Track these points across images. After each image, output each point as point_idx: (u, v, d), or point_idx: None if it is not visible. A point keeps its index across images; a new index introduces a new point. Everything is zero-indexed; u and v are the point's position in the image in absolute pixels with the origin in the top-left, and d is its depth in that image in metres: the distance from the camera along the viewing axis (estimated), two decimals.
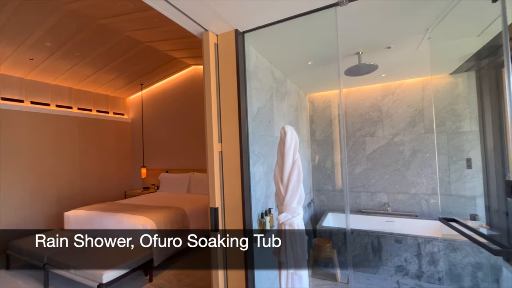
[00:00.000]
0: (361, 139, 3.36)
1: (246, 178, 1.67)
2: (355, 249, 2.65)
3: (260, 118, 2.04)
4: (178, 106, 5.10)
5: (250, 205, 1.70)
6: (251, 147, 1.84)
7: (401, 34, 1.85)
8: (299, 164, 1.43)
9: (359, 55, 2.15)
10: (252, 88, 1.92)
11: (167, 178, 4.93)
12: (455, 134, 2.89)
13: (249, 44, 1.91)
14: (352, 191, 3.41)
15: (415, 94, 3.08)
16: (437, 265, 2.31)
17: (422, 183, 3.04)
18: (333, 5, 1.39)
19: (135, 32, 3.30)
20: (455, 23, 1.69)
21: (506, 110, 1.11)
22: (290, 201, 1.42)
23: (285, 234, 1.40)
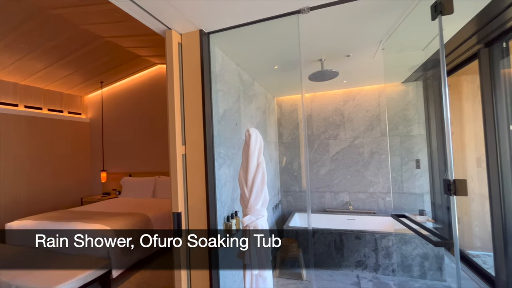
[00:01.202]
0: (326, 142, 3.52)
1: (211, 181, 1.64)
2: (320, 247, 2.76)
3: (226, 120, 2.02)
4: (143, 106, 4.85)
5: (215, 209, 1.67)
6: (216, 149, 1.81)
7: (358, 44, 1.99)
8: (264, 166, 1.45)
9: (321, 62, 2.26)
10: (218, 90, 1.90)
11: (130, 182, 4.64)
12: (407, 137, 3.18)
13: (214, 45, 1.89)
14: (318, 191, 3.56)
15: (372, 100, 3.33)
16: (391, 258, 2.51)
17: (379, 183, 3.28)
18: (295, 12, 1.44)
19: (94, 25, 3.07)
20: (403, 36, 1.86)
21: (444, 117, 1.26)
22: (255, 204, 1.42)
23: (249, 237, 1.40)
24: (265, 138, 3.11)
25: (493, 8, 1.53)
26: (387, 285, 2.39)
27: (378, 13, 1.54)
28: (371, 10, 1.51)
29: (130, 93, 4.98)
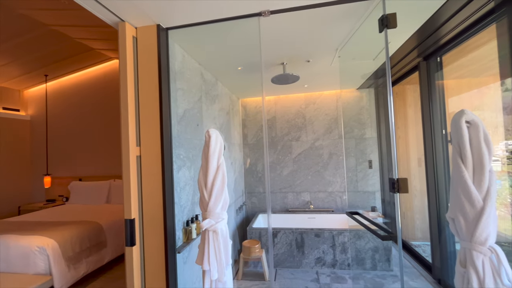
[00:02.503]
0: (288, 143, 3.63)
1: (169, 184, 1.56)
2: (282, 246, 2.82)
3: (187, 121, 1.95)
4: (97, 103, 4.43)
5: (173, 213, 1.59)
6: (175, 151, 1.73)
7: (317, 50, 2.08)
8: (224, 168, 1.42)
9: (283, 65, 2.32)
10: (178, 89, 1.82)
11: (80, 187, 4.20)
12: (361, 140, 3.43)
13: (174, 42, 1.81)
14: (281, 192, 3.64)
15: (331, 104, 3.53)
16: (347, 253, 2.67)
17: (337, 182, 3.48)
18: (256, 14, 1.45)
19: (35, 11, 2.72)
20: (356, 46, 2.01)
21: (389, 122, 1.37)
22: (214, 207, 1.39)
23: (209, 241, 1.36)
24: (229, 140, 3.08)
25: (430, 26, 1.73)
26: (343, 278, 2.53)
27: (334, 22, 1.63)
28: (328, 19, 1.59)
29: (82, 89, 4.52)
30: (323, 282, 2.48)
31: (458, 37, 1.85)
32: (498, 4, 1.38)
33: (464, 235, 1.15)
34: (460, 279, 1.16)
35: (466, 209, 1.13)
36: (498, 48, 1.43)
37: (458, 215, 1.16)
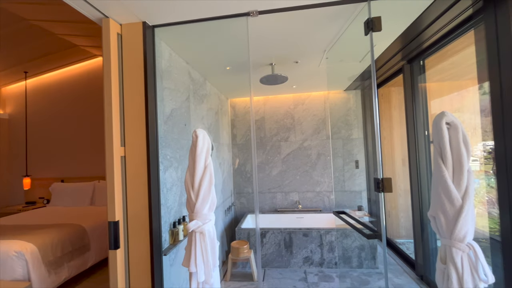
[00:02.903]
0: (277, 144, 3.64)
1: (155, 185, 1.53)
2: (270, 246, 2.82)
3: (174, 120, 1.91)
4: (81, 102, 4.28)
5: (159, 215, 1.56)
6: (162, 151, 1.70)
7: (305, 52, 2.10)
8: (211, 168, 1.41)
9: (272, 66, 2.33)
10: (165, 88, 1.79)
11: (63, 188, 4.04)
12: (348, 140, 3.50)
13: (161, 40, 1.78)
14: (270, 192, 3.65)
15: (319, 105, 3.57)
16: (334, 251, 2.71)
17: (324, 182, 3.53)
18: (244, 14, 1.45)
19: (13, 4, 2.59)
20: (343, 48, 2.04)
21: (374, 123, 1.41)
22: (201, 208, 1.37)
23: (195, 243, 1.34)
24: (218, 140, 3.05)
25: (413, 30, 1.78)
26: (330, 277, 2.57)
27: (322, 24, 1.65)
28: (316, 20, 1.61)
29: (64, 86, 4.36)
30: (311, 281, 2.51)
31: (440, 42, 1.92)
32: (476, 11, 1.44)
33: (444, 233, 1.19)
34: (441, 275, 1.20)
35: (446, 208, 1.18)
36: (476, 53, 1.49)
37: (439, 213, 1.20)
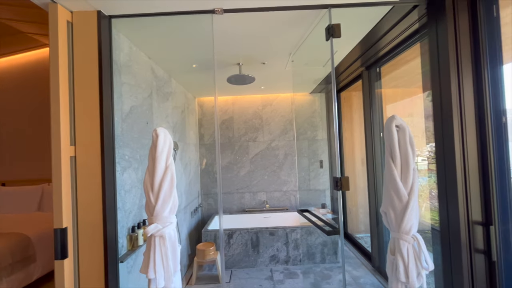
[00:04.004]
0: (245, 144, 3.65)
1: (110, 188, 1.42)
2: (237, 247, 2.81)
3: (134, 118, 1.80)
4: (27, 95, 3.81)
5: (115, 219, 1.45)
6: (119, 151, 1.59)
7: (272, 53, 2.14)
8: (173, 169, 1.35)
9: (239, 66, 2.32)
10: (123, 83, 1.68)
11: (3, 193, 3.55)
12: (313, 141, 3.64)
13: (119, 32, 1.66)
14: (238, 192, 3.64)
15: (286, 106, 3.66)
16: (299, 249, 2.80)
17: (291, 181, 3.63)
18: (209, 11, 1.42)
19: None
20: (308, 52, 2.12)
21: (334, 125, 1.48)
22: (161, 210, 1.31)
23: (154, 247, 1.27)
24: (184, 139, 2.95)
25: (370, 38, 1.92)
26: (295, 274, 2.64)
27: (287, 27, 1.69)
28: (281, 23, 1.64)
29: (5, 77, 3.84)
30: (277, 279, 2.55)
31: (393, 51, 2.09)
32: (421, 26, 1.60)
33: (394, 226, 1.29)
34: (390, 266, 1.30)
35: (395, 203, 1.28)
36: (421, 64, 1.66)
37: (389, 209, 1.31)
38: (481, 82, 1.27)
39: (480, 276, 1.26)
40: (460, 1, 1.31)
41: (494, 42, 1.26)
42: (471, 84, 1.30)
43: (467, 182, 1.29)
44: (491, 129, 1.26)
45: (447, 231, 1.36)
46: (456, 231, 1.30)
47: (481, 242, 1.27)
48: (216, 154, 1.32)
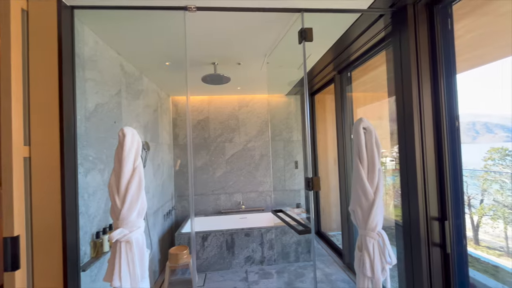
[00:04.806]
0: (222, 145, 3.61)
1: (71, 191, 1.31)
2: (212, 249, 2.77)
3: (100, 117, 1.69)
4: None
5: (76, 225, 1.34)
6: (82, 151, 1.48)
7: (247, 54, 2.14)
8: (141, 170, 1.29)
9: (214, 65, 2.29)
10: (87, 79, 1.57)
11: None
12: (289, 142, 3.70)
13: (83, 24, 1.55)
14: (213, 194, 3.58)
15: (263, 107, 3.69)
16: (274, 249, 2.82)
17: (267, 182, 3.66)
18: (181, 8, 1.38)
19: None
20: (283, 54, 2.15)
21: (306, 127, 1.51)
22: (128, 214, 1.24)
23: (120, 253, 1.20)
24: (157, 139, 2.84)
25: (341, 43, 2.00)
26: (269, 274, 2.66)
27: (261, 28, 1.70)
28: (256, 24, 1.65)
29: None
30: (251, 280, 2.55)
31: (362, 57, 2.20)
32: (387, 34, 1.70)
33: (361, 224, 1.35)
34: (358, 262, 1.36)
35: (362, 202, 1.34)
36: (387, 71, 1.76)
37: (357, 207, 1.37)
38: (438, 89, 1.38)
39: (436, 267, 1.36)
40: (420, 14, 1.41)
41: (449, 53, 1.37)
42: (429, 91, 1.41)
43: (426, 181, 1.39)
44: (446, 133, 1.37)
45: (409, 227, 1.46)
46: (416, 227, 1.40)
47: (437, 236, 1.37)
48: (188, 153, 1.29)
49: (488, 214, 5.58)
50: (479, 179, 6.18)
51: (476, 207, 5.89)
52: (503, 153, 6.99)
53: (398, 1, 1.42)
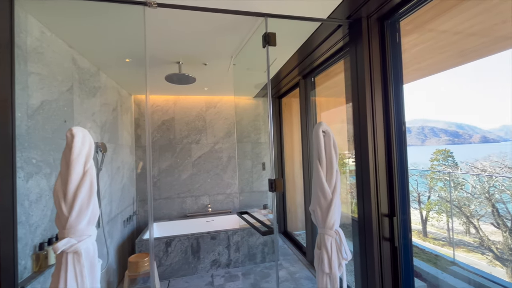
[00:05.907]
0: (188, 146, 3.51)
1: (6, 198, 1.16)
2: (176, 255, 2.66)
3: (46, 115, 1.53)
4: None
5: (13, 236, 1.19)
6: (23, 153, 1.33)
7: (213, 55, 2.11)
8: (93, 174, 1.19)
9: (179, 65, 2.22)
10: (31, 73, 1.41)
11: None
12: (256, 144, 3.74)
13: (27, 12, 1.40)
14: (179, 197, 3.46)
15: (230, 109, 3.67)
16: (240, 251, 2.82)
17: (235, 184, 3.64)
18: (141, 3, 1.31)
19: None
20: (249, 57, 2.17)
21: (269, 129, 1.54)
22: (77, 222, 1.14)
23: (66, 266, 1.10)
24: (116, 140, 2.66)
25: (305, 49, 2.08)
26: (236, 276, 2.65)
27: (227, 30, 1.70)
28: (221, 26, 1.64)
29: None
30: (217, 284, 2.51)
31: (324, 63, 2.32)
32: (345, 44, 1.82)
33: (320, 223, 1.42)
34: (317, 259, 1.42)
35: (321, 202, 1.41)
36: (344, 79, 1.88)
37: (316, 207, 1.43)
38: (388, 97, 1.51)
39: (386, 259, 1.48)
40: (373, 27, 1.53)
41: (397, 64, 1.51)
42: (381, 99, 1.53)
43: (378, 181, 1.51)
44: (395, 136, 1.50)
45: (363, 223, 1.57)
46: (369, 223, 1.51)
47: (387, 231, 1.49)
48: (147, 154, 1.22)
49: (434, 209, 6.22)
50: (427, 178, 6.87)
51: (424, 203, 6.52)
52: (446, 154, 7.86)
53: (354, 13, 1.53)
